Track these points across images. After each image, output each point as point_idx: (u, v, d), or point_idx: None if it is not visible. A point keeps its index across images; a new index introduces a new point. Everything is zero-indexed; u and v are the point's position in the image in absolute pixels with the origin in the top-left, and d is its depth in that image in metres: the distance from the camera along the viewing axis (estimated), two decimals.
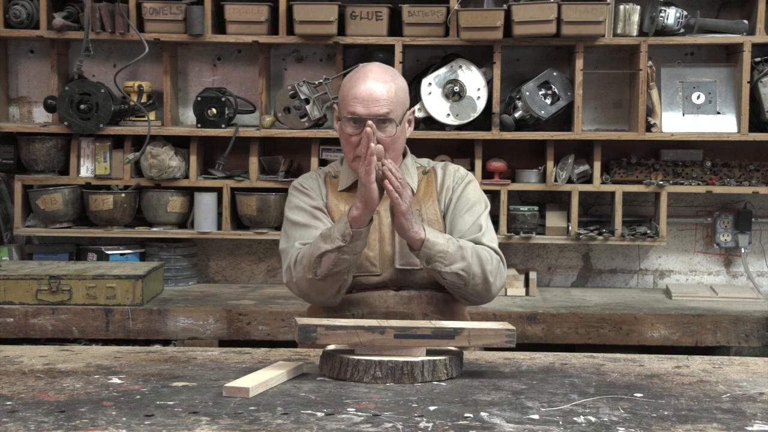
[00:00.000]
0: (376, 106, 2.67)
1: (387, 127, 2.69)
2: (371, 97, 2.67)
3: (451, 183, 2.82)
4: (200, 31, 4.21)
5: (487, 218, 2.80)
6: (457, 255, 2.63)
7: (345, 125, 2.71)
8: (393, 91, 2.70)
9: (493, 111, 4.20)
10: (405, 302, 2.72)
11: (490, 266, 2.67)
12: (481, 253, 2.67)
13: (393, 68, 2.85)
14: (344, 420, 1.91)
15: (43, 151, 4.30)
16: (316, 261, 2.60)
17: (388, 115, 2.68)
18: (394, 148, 2.73)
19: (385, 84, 2.69)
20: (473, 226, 2.75)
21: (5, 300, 3.88)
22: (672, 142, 4.30)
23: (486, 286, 2.68)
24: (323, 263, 2.59)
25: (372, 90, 2.67)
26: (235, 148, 4.27)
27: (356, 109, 2.68)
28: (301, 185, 2.84)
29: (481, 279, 2.66)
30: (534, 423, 1.91)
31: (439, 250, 2.61)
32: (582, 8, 4.06)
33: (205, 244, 4.54)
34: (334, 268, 2.59)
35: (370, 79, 2.69)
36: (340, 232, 2.57)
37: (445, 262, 2.62)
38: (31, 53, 4.53)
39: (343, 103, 2.72)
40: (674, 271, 4.54)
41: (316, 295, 2.68)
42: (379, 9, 4.19)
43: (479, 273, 2.65)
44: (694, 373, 2.36)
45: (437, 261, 2.61)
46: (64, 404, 2.02)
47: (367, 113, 2.66)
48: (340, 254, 2.57)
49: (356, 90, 2.68)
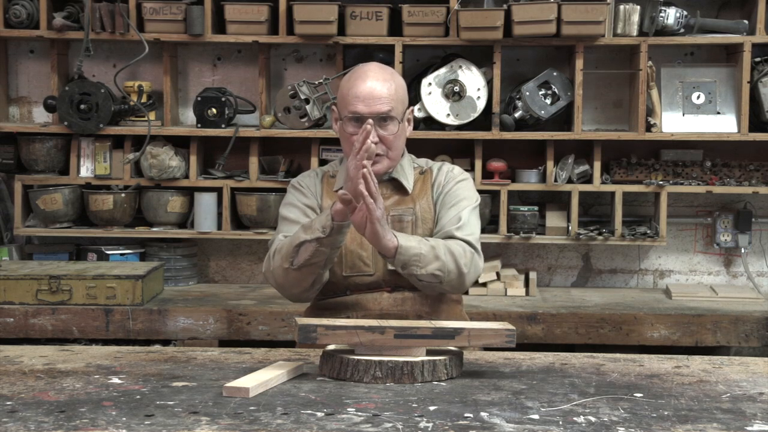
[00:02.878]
0: (378, 104, 2.68)
1: (389, 124, 2.70)
2: (372, 95, 2.68)
3: (443, 180, 2.83)
4: (200, 31, 4.21)
5: (470, 212, 2.78)
6: (431, 255, 2.63)
7: (346, 125, 2.71)
8: (393, 89, 2.71)
9: (493, 111, 4.20)
10: (399, 303, 2.72)
11: (464, 260, 2.67)
12: (454, 248, 2.67)
13: (391, 67, 2.85)
14: (344, 420, 1.91)
15: (43, 151, 4.30)
16: (294, 250, 2.60)
17: (390, 113, 2.69)
18: (396, 146, 2.74)
19: (385, 82, 2.70)
20: (453, 218, 2.75)
21: (5, 300, 3.88)
22: (672, 142, 4.30)
23: (460, 279, 2.68)
24: (300, 253, 2.59)
25: (373, 88, 2.68)
26: (235, 148, 4.27)
27: (358, 108, 2.68)
28: (298, 183, 2.86)
29: (456, 274, 2.66)
30: (534, 423, 1.91)
31: (413, 254, 2.60)
32: (582, 8, 4.06)
33: (205, 244, 4.54)
34: (310, 259, 2.59)
35: (370, 78, 2.70)
36: (321, 223, 2.57)
37: (420, 264, 2.62)
38: (31, 53, 4.53)
39: (343, 103, 2.73)
40: (674, 271, 4.54)
41: (290, 286, 2.68)
42: (379, 9, 4.19)
43: (454, 269, 2.65)
44: (694, 373, 2.36)
45: (413, 265, 2.61)
46: (64, 404, 2.02)
47: (369, 111, 2.67)
48: (319, 245, 2.57)
49: (357, 89, 2.69)
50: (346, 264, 2.73)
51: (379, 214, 2.53)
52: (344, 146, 2.77)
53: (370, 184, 2.50)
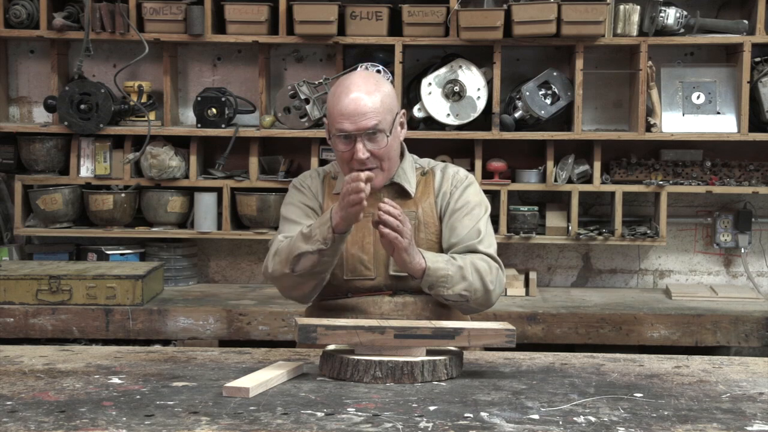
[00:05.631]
0: (363, 120, 2.61)
1: (377, 138, 2.64)
2: (357, 111, 2.61)
3: (449, 187, 2.79)
4: (200, 31, 4.21)
5: (486, 222, 2.77)
6: (458, 276, 2.62)
7: (335, 142, 2.67)
8: (379, 100, 2.63)
9: (493, 111, 4.20)
10: (400, 308, 2.70)
11: (489, 276, 2.66)
12: (479, 266, 2.66)
13: (376, 74, 2.80)
14: (344, 420, 1.91)
15: (43, 151, 4.30)
16: (295, 259, 2.59)
17: (377, 127, 2.63)
18: (389, 156, 2.70)
19: (369, 96, 2.63)
20: (472, 231, 2.72)
21: (5, 300, 3.88)
22: (672, 142, 4.30)
23: (487, 296, 2.68)
24: (302, 262, 2.59)
25: (357, 103, 2.62)
26: (235, 148, 4.27)
27: (344, 126, 2.62)
28: (299, 183, 2.84)
29: (482, 292, 2.66)
30: (534, 423, 1.91)
31: (440, 275, 2.60)
32: (582, 8, 4.06)
33: (205, 244, 4.54)
34: (312, 268, 2.60)
35: (353, 92, 2.63)
36: (323, 235, 2.55)
37: (447, 285, 2.61)
38: (32, 53, 4.53)
39: (330, 120, 2.68)
40: (674, 271, 4.54)
41: (291, 289, 2.68)
42: (379, 9, 4.18)
43: (480, 288, 2.65)
44: (694, 373, 2.36)
45: (440, 286, 2.61)
46: (64, 404, 2.02)
47: (356, 128, 2.61)
48: (321, 257, 2.58)
49: (341, 106, 2.62)
50: (347, 267, 2.72)
51: (406, 243, 2.52)
52: (338, 160, 2.74)
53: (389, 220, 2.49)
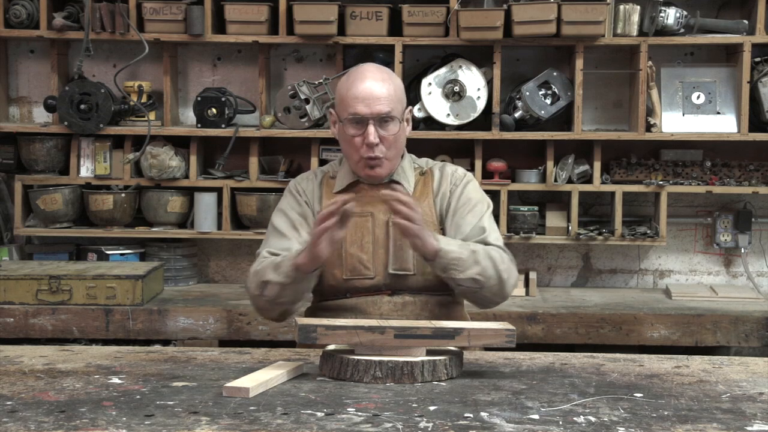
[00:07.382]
0: (378, 104, 2.66)
1: (389, 125, 2.68)
2: (372, 95, 2.66)
3: (448, 186, 2.80)
4: (200, 31, 4.21)
5: (490, 218, 2.78)
6: (471, 260, 2.61)
7: (347, 127, 2.69)
8: (392, 89, 2.69)
9: (493, 111, 4.20)
10: (399, 308, 2.70)
11: (503, 265, 2.66)
12: (493, 254, 2.65)
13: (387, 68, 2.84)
14: (344, 420, 1.91)
15: (43, 151, 4.30)
16: (263, 284, 2.63)
17: (390, 113, 2.67)
18: (397, 146, 2.72)
19: (384, 83, 2.68)
20: (476, 227, 2.73)
21: (5, 300, 3.88)
22: (672, 142, 4.30)
23: (501, 286, 2.66)
24: (269, 289, 2.62)
25: (372, 89, 2.66)
26: (235, 148, 4.27)
27: (358, 109, 2.66)
28: (295, 188, 2.82)
29: (496, 280, 2.64)
30: (534, 423, 1.91)
31: (453, 258, 2.59)
32: (582, 8, 4.06)
33: (205, 244, 4.54)
34: (277, 298, 2.63)
35: (368, 79, 2.68)
36: (287, 269, 2.58)
37: (460, 268, 2.60)
38: (31, 53, 4.53)
39: (342, 105, 2.70)
40: (674, 271, 4.54)
41: (262, 310, 2.73)
42: (379, 9, 4.19)
43: (494, 275, 2.63)
44: (694, 373, 2.36)
45: (452, 269, 2.60)
46: (64, 404, 2.02)
47: (370, 112, 2.65)
48: (283, 289, 2.60)
49: (356, 90, 2.67)
50: (346, 267, 2.71)
51: (418, 229, 2.52)
52: (344, 147, 2.75)
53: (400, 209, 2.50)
